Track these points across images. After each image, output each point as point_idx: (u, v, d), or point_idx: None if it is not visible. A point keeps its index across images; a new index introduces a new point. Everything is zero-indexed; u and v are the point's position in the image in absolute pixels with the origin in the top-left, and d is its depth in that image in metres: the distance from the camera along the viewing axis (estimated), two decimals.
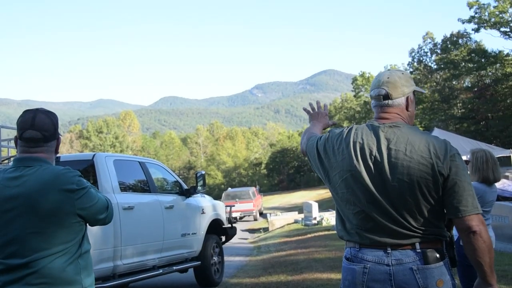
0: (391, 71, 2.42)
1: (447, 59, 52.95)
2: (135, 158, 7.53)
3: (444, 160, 2.19)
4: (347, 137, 2.41)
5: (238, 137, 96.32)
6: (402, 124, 2.34)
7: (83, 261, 2.29)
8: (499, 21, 45.65)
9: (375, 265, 2.26)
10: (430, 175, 2.19)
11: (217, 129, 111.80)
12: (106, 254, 5.78)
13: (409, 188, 2.20)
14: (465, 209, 2.16)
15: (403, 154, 2.24)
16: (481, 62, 50.62)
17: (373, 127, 2.37)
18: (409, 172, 2.21)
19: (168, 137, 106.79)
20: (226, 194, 29.36)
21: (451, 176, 2.18)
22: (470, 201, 2.16)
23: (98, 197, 2.36)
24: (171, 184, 7.98)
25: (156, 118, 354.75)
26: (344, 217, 2.41)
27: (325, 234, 15.39)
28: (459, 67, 52.61)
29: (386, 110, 2.39)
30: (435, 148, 2.22)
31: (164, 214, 6.94)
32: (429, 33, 57.21)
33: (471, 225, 2.14)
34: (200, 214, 8.00)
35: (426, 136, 2.29)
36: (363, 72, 68.39)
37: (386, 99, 2.37)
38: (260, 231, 22.27)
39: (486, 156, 4.48)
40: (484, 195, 4.37)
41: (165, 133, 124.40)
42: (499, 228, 8.94)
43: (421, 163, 2.20)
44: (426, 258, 2.20)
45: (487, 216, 4.46)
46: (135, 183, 7.00)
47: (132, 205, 6.27)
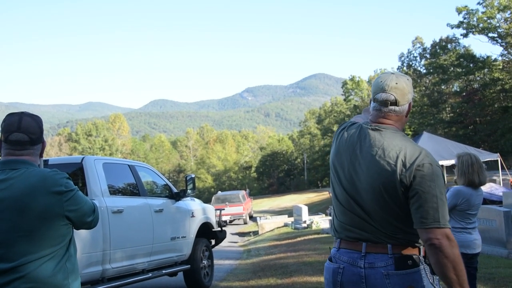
0: (398, 76, 2.35)
1: (436, 63, 53.34)
2: (125, 161, 7.50)
3: (409, 169, 2.16)
4: (341, 133, 2.49)
5: (228, 141, 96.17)
6: (387, 127, 2.33)
7: (71, 264, 2.27)
8: (487, 26, 46.11)
9: (349, 266, 2.30)
10: (392, 182, 2.18)
11: (207, 132, 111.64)
12: (95, 257, 5.76)
13: (375, 192, 2.23)
14: (424, 221, 2.11)
15: (372, 158, 2.27)
16: (470, 67, 51.05)
17: (362, 128, 2.40)
18: (374, 177, 2.23)
19: (158, 140, 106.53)
20: (216, 198, 29.28)
21: (413, 186, 2.15)
22: (432, 214, 2.10)
23: (85, 200, 2.35)
24: (160, 188, 7.95)
25: (146, 121, 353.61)
26: (335, 212, 2.48)
27: (315, 238, 15.40)
28: (448, 72, 53.01)
29: (389, 116, 2.35)
30: (405, 155, 2.19)
31: (154, 217, 6.92)
32: (418, 38, 57.64)
33: (429, 237, 2.10)
34: (190, 217, 7.98)
35: (405, 143, 2.25)
36: (353, 76, 68.75)
37: (393, 105, 2.33)
38: (250, 234, 22.23)
39: (472, 160, 4.51)
40: (470, 199, 4.42)
41: (155, 136, 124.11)
42: (486, 232, 9.02)
43: (385, 169, 2.21)
44: (398, 263, 2.19)
45: (473, 219, 4.51)
46: (124, 186, 6.98)
47: (122, 209, 6.25)
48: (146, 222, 6.76)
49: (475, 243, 4.44)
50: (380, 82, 2.35)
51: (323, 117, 76.56)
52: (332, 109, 75.48)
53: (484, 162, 22.51)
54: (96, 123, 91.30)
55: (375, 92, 2.38)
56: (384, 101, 2.33)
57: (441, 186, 2.16)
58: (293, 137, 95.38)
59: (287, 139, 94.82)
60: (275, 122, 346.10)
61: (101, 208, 5.86)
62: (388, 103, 2.32)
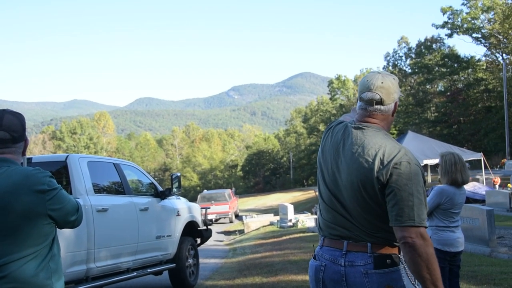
0: (384, 76, 2.36)
1: (421, 63, 53.76)
2: (110, 159, 7.45)
3: (386, 166, 2.17)
4: (328, 132, 2.52)
5: (214, 139, 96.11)
6: (370, 126, 2.35)
7: (54, 264, 2.24)
8: (471, 27, 46.58)
9: (331, 264, 2.33)
10: (369, 179, 2.20)
11: (193, 131, 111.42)
12: (79, 256, 5.72)
13: (354, 190, 2.25)
14: (399, 219, 2.12)
15: (352, 155, 2.29)
16: (454, 67, 51.58)
17: (347, 127, 2.42)
18: (353, 174, 2.25)
19: (143, 139, 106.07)
20: (202, 196, 29.23)
21: (390, 184, 2.15)
22: (407, 212, 2.11)
23: (69, 199, 2.32)
24: (146, 186, 7.91)
25: (132, 119, 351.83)
26: (320, 210, 2.50)
27: (300, 236, 15.44)
28: (433, 72, 53.46)
29: (374, 115, 2.37)
30: (384, 153, 2.20)
31: (139, 216, 6.89)
32: (404, 38, 57.99)
33: (403, 235, 2.10)
34: (175, 216, 7.96)
35: (385, 141, 2.26)
36: (339, 75, 69.05)
37: (378, 104, 2.34)
38: (235, 233, 22.22)
39: (455, 159, 4.55)
40: (453, 197, 4.46)
41: (141, 134, 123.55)
42: (469, 230, 9.11)
43: (363, 166, 2.22)
44: (377, 262, 2.20)
45: (456, 218, 4.55)
46: (109, 185, 6.93)
47: (106, 207, 6.21)
48: (131, 221, 6.73)
49: (458, 241, 4.48)
50: (366, 81, 2.37)
51: (309, 116, 76.81)
52: (318, 108, 75.74)
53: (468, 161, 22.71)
54: (81, 121, 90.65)
55: (361, 91, 2.39)
56: (369, 100, 2.34)
57: (419, 185, 2.16)
58: (279, 136, 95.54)
59: (273, 138, 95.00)
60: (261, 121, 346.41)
61: (85, 207, 5.82)
62: (373, 102, 2.34)
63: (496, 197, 15.95)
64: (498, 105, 47.08)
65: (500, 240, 9.93)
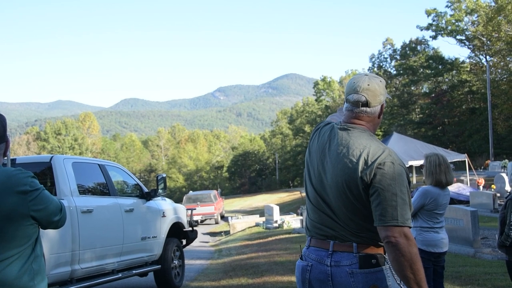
0: (370, 78, 2.39)
1: (406, 65, 54.18)
2: (95, 160, 7.42)
3: (370, 167, 2.19)
4: (315, 133, 2.55)
5: (200, 140, 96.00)
6: (355, 127, 2.37)
7: (37, 265, 2.22)
8: (455, 29, 47.03)
9: (317, 264, 2.34)
10: (353, 179, 2.22)
11: (178, 131, 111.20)
12: (64, 258, 5.68)
13: (338, 190, 2.27)
14: (383, 219, 2.13)
15: (337, 156, 2.31)
16: (439, 68, 51.99)
17: (333, 128, 2.44)
18: (338, 174, 2.28)
19: (128, 140, 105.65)
20: (187, 197, 29.19)
21: (373, 184, 2.17)
22: (390, 212, 2.12)
23: (52, 199, 2.30)
24: (131, 187, 7.89)
25: (117, 120, 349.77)
26: (307, 211, 2.52)
27: (286, 237, 15.48)
28: (418, 73, 53.87)
29: (360, 117, 2.38)
30: (368, 154, 2.22)
31: (124, 217, 6.86)
32: (389, 39, 58.38)
33: (387, 235, 2.12)
34: (161, 217, 7.94)
35: (370, 142, 2.28)
36: (325, 76, 69.35)
37: (364, 106, 2.36)
38: (221, 234, 22.22)
39: (439, 160, 4.59)
40: (437, 198, 4.50)
41: (126, 135, 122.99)
42: (453, 231, 9.20)
43: (348, 167, 2.25)
44: (362, 262, 2.22)
45: (441, 219, 4.59)
46: (94, 186, 6.90)
47: (91, 208, 6.18)
48: (116, 222, 6.70)
49: (443, 242, 4.52)
50: (353, 83, 2.39)
51: (295, 117, 76.98)
52: (303, 109, 75.95)
53: (452, 163, 22.94)
54: (65, 122, 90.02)
55: (348, 92, 2.41)
56: (355, 102, 2.36)
57: (402, 185, 2.17)
58: (264, 137, 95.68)
59: (259, 139, 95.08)
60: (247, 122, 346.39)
61: (70, 208, 5.79)
62: (359, 104, 2.36)
63: (480, 198, 16.09)
64: (482, 106, 47.58)
65: (484, 240, 10.03)
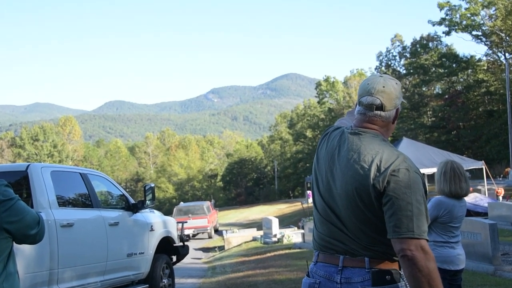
0: (386, 79, 2.41)
1: (416, 63, 54.12)
2: (76, 169, 7.40)
3: (383, 173, 2.19)
4: (324, 139, 2.55)
5: (192, 146, 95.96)
6: (367, 132, 2.38)
7: (8, 284, 2.19)
8: (471, 24, 46.81)
9: (325, 281, 2.33)
10: (365, 187, 2.22)
11: (168, 137, 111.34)
12: (41, 277, 5.64)
13: (349, 198, 2.26)
14: (397, 231, 2.13)
15: (347, 162, 2.31)
16: (452, 67, 51.85)
17: (343, 133, 2.44)
18: (348, 181, 2.27)
19: (113, 146, 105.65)
20: (178, 209, 29.19)
21: (387, 192, 2.17)
22: (405, 223, 2.12)
23: (28, 210, 2.26)
24: (116, 198, 7.88)
25: (100, 125, 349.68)
26: (315, 223, 2.50)
27: (286, 253, 15.44)
28: (429, 73, 53.77)
29: (374, 121, 2.39)
30: (381, 160, 2.22)
31: (108, 231, 6.83)
32: (397, 36, 58.44)
33: (402, 248, 2.11)
34: (149, 231, 7.92)
35: (383, 147, 2.29)
36: (328, 76, 69.31)
37: (378, 109, 2.37)
38: (215, 249, 22.20)
39: (454, 168, 4.57)
40: (452, 210, 4.48)
41: (111, 141, 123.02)
42: (470, 246, 9.16)
43: (359, 173, 2.24)
44: (375, 279, 2.21)
45: (457, 233, 4.57)
46: (75, 197, 6.88)
47: (72, 222, 6.15)
48: (99, 237, 6.67)
49: (459, 258, 4.50)
50: (367, 85, 2.41)
51: (295, 121, 77.01)
52: (305, 112, 75.98)
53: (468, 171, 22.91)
54: (43, 127, 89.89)
55: (361, 95, 2.43)
56: (369, 105, 2.38)
57: (418, 193, 2.17)
58: (262, 142, 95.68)
59: (256, 145, 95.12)
60: (243, 126, 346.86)
61: (48, 222, 5.75)
62: (373, 107, 2.37)
63: (500, 210, 16.06)
64: (500, 109, 47.54)
65: (505, 257, 9.99)
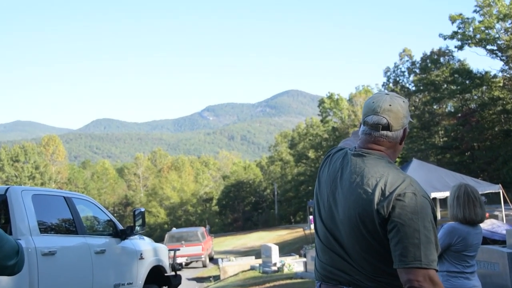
0: (392, 97, 2.41)
1: (427, 79, 54.24)
2: (60, 192, 7.39)
3: (387, 198, 2.18)
4: (326, 161, 2.56)
5: (185, 168, 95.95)
6: (371, 153, 2.38)
7: None
8: (485, 38, 46.98)
9: None
10: (369, 212, 2.21)
11: (160, 158, 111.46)
12: None
13: (351, 225, 2.25)
14: (403, 260, 2.11)
15: (350, 186, 2.31)
16: (466, 84, 51.91)
17: (346, 155, 2.45)
18: (351, 207, 2.26)
19: (101, 167, 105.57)
20: (170, 236, 29.14)
21: (392, 218, 2.16)
22: (412, 251, 2.10)
23: (6, 238, 2.24)
24: (103, 224, 7.87)
25: (87, 144, 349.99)
26: (316, 251, 2.51)
27: (287, 283, 15.38)
28: (441, 89, 53.89)
29: (380, 141, 2.40)
30: (386, 183, 2.21)
31: (94, 260, 6.80)
32: (406, 50, 58.74)
33: (409, 279, 2.10)
34: (138, 259, 7.90)
35: (388, 170, 2.28)
36: (331, 93, 69.42)
37: (385, 129, 2.37)
38: (209, 279, 22.11)
39: (468, 192, 4.56)
40: (467, 238, 4.45)
41: (98, 162, 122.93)
42: (487, 277, 9.12)
43: (362, 198, 2.24)
44: None
45: (472, 262, 4.54)
46: (58, 223, 6.86)
47: (54, 250, 6.12)
48: (84, 266, 6.65)
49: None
50: (372, 103, 2.41)
51: (297, 140, 77.12)
52: (307, 131, 76.07)
53: (484, 195, 22.86)
54: (24, 146, 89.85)
55: (366, 114, 2.43)
56: (375, 124, 2.38)
57: (426, 220, 2.16)
58: (261, 164, 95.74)
59: (255, 166, 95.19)
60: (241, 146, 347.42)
61: (28, 250, 5.72)
62: (379, 127, 2.37)
63: None
64: None
65: None
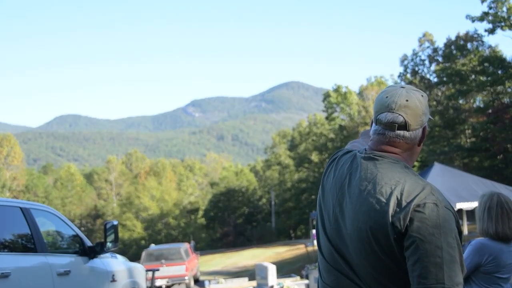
0: (409, 91, 2.39)
1: (451, 69, 54.15)
2: (15, 202, 7.35)
3: (404, 209, 2.17)
4: (331, 165, 2.56)
5: (166, 173, 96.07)
6: (385, 156, 2.36)
7: None
8: None
9: None
10: (382, 226, 2.19)
11: (136, 161, 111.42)
12: None
13: (361, 241, 2.24)
14: (423, 282, 2.10)
15: (359, 195, 2.29)
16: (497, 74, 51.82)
17: (355, 158, 2.43)
18: (361, 219, 2.25)
19: (65, 172, 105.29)
20: (148, 253, 29.08)
21: (409, 233, 2.15)
22: (434, 272, 2.09)
23: None
24: (68, 240, 7.86)
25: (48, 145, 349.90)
26: (319, 270, 2.50)
27: None
28: (468, 81, 53.86)
29: (395, 143, 2.38)
30: (402, 191, 2.20)
31: (56, 283, 6.78)
32: (427, 35, 58.65)
33: None
34: (109, 282, 7.89)
35: (404, 176, 2.26)
36: (338, 86, 69.39)
37: (401, 129, 2.35)
38: None
39: (501, 202, 4.55)
40: (499, 256, 4.45)
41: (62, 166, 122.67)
42: None
43: (374, 209, 2.22)
44: None
45: (505, 286, 4.54)
46: (13, 239, 6.83)
47: (7, 272, 6.08)
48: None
49: None
50: (386, 98, 2.38)
51: (298, 141, 77.28)
52: (310, 130, 76.19)
53: None
54: None
55: (379, 111, 2.40)
56: (389, 123, 2.36)
57: (450, 235, 2.15)
58: (256, 168, 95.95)
59: (248, 171, 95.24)
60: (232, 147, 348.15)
61: None
62: (395, 126, 2.35)
63: None
64: None
65: None
